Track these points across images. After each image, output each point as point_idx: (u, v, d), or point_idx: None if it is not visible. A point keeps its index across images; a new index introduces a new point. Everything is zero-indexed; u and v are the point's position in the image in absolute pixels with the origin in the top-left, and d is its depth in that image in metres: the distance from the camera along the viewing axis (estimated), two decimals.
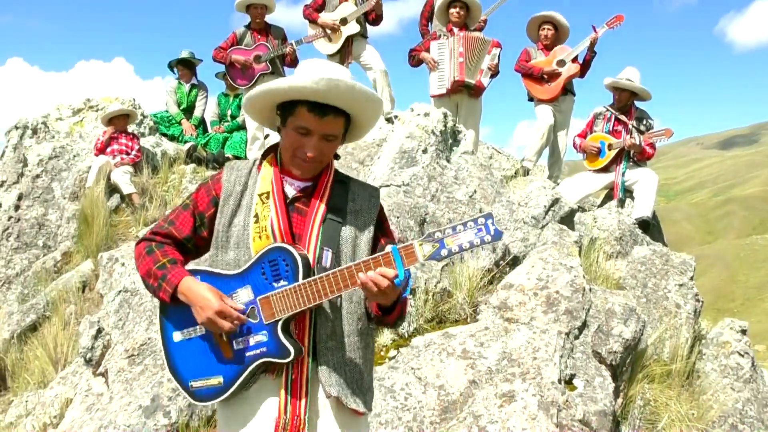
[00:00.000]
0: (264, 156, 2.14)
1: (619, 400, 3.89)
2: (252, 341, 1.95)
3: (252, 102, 2.05)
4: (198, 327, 2.01)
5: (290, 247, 1.93)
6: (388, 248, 1.90)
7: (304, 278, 1.90)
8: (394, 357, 3.90)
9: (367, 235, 2.09)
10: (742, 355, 4.72)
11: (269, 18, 7.76)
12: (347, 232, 2.05)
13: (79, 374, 4.87)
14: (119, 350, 4.50)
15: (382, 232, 2.16)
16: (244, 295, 1.96)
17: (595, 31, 6.95)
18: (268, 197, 2.03)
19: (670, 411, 4.00)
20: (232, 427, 2.02)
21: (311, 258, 1.96)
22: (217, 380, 1.98)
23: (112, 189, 7.42)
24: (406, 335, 4.11)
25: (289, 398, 1.94)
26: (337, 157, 2.15)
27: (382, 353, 4.00)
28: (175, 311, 2.04)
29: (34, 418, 4.73)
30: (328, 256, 1.98)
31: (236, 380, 1.96)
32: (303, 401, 1.95)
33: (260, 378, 1.99)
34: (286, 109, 1.98)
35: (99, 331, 4.85)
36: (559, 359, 3.64)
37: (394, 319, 2.05)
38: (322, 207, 2.03)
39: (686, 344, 4.62)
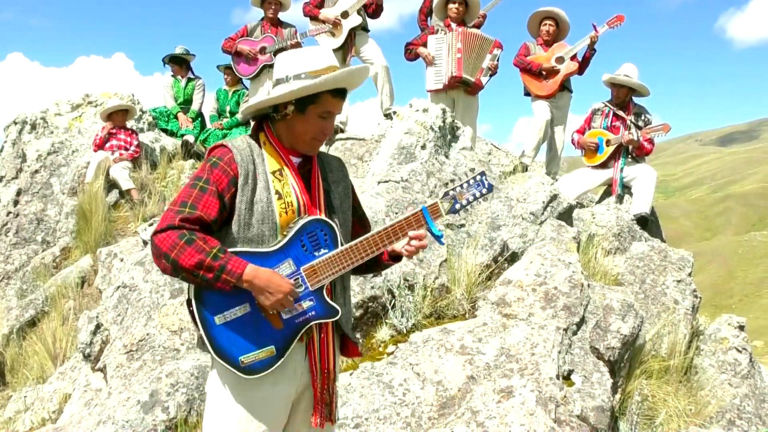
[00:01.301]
0: (255, 135, 2.26)
1: (617, 396, 3.90)
2: (301, 308, 2.14)
3: (288, 96, 2.13)
4: (242, 306, 2.10)
5: (326, 219, 2.17)
6: (418, 208, 2.24)
7: (341, 244, 2.17)
8: (392, 353, 3.90)
9: (348, 202, 2.36)
10: (740, 351, 4.73)
11: (284, 16, 7.79)
12: (336, 200, 2.30)
13: (77, 369, 4.88)
14: (118, 346, 4.50)
15: (355, 199, 2.44)
16: (285, 268, 2.12)
17: (595, 29, 6.95)
18: (281, 174, 2.17)
19: (668, 406, 4.01)
20: (257, 392, 2.14)
21: None
22: (268, 351, 2.11)
23: (111, 184, 7.41)
24: (405, 331, 4.12)
25: (319, 355, 2.19)
26: None
27: (381, 349, 4.01)
28: (213, 295, 2.08)
29: (33, 413, 4.74)
30: (336, 222, 2.23)
31: (289, 346, 2.14)
32: (332, 355, 2.23)
33: None
34: (307, 99, 2.14)
35: (98, 326, 4.86)
36: (557, 355, 3.64)
37: (394, 263, 2.39)
38: (320, 179, 2.27)
39: (684, 340, 4.63)
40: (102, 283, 5.81)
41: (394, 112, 6.70)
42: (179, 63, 8.83)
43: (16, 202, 7.40)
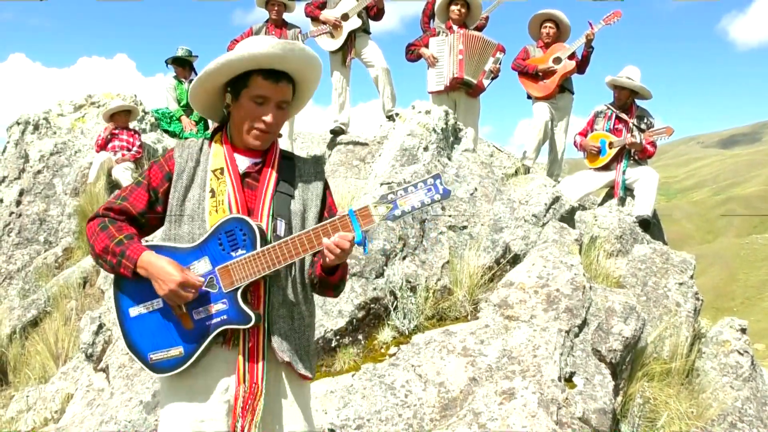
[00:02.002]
0: (213, 135, 2.23)
1: (619, 398, 3.90)
2: (212, 310, 2.01)
3: (207, 77, 2.08)
4: (155, 301, 2.04)
5: (246, 218, 2.02)
6: (345, 211, 2.01)
7: (261, 246, 1.99)
8: (394, 354, 3.90)
9: (315, 209, 2.20)
10: (742, 354, 4.73)
11: (290, 17, 7.80)
12: (296, 206, 2.16)
13: (80, 370, 4.89)
14: (120, 346, 4.51)
15: (326, 206, 2.26)
16: (202, 266, 2.02)
17: (591, 26, 6.95)
18: (222, 173, 2.11)
19: (670, 409, 4.00)
20: (184, 398, 2.07)
21: (265, 228, 2.05)
22: (177, 351, 2.03)
23: (113, 185, 7.43)
24: (407, 332, 4.12)
25: (246, 365, 2.02)
26: (279, 135, 2.25)
27: (383, 350, 4.01)
28: (131, 286, 2.06)
29: (35, 413, 4.75)
30: (281, 226, 2.09)
31: (197, 349, 2.02)
32: (260, 367, 2.03)
33: (214, 349, 2.05)
34: (240, 83, 2.07)
35: (100, 326, 4.87)
36: (559, 357, 3.64)
37: (336, 280, 2.15)
38: (273, 181, 2.14)
39: (686, 343, 4.63)
40: (104, 284, 5.82)
41: (397, 114, 6.71)
42: (182, 64, 8.85)
43: (18, 203, 7.42)
